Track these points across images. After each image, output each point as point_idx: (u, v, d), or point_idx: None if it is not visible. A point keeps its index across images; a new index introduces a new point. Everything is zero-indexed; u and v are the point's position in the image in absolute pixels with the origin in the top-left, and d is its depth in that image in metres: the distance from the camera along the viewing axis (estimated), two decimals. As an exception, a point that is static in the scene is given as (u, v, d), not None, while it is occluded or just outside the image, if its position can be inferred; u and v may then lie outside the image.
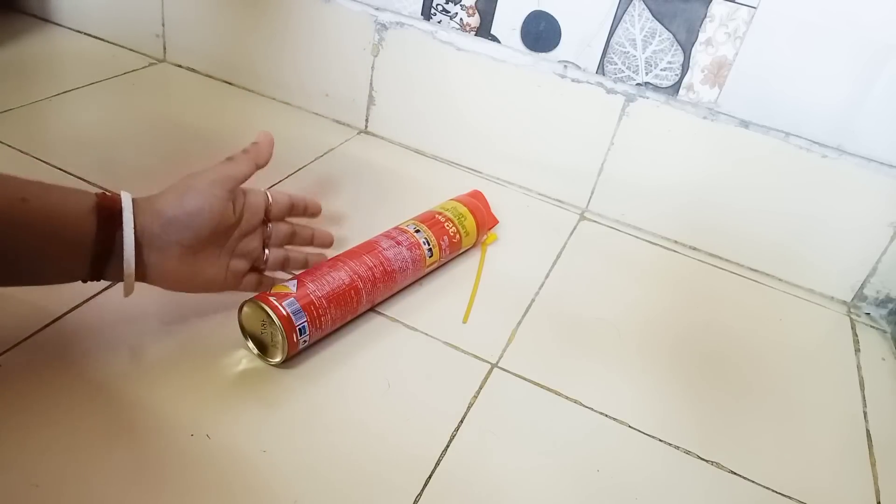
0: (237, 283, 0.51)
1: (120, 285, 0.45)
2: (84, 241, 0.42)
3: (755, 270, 0.74)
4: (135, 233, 0.43)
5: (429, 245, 0.59)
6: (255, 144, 0.51)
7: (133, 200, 0.44)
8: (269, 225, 0.53)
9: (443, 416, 0.49)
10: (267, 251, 0.53)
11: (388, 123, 0.84)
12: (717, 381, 0.58)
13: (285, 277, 0.53)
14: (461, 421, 0.49)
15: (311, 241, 0.58)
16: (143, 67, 0.89)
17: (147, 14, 0.88)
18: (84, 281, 0.44)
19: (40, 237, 0.41)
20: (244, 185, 0.50)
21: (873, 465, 0.53)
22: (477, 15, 0.73)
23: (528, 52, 0.73)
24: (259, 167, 0.51)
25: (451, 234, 0.61)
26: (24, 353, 0.46)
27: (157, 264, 0.45)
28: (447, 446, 0.46)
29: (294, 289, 0.49)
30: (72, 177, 0.65)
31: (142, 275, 0.45)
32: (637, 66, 0.69)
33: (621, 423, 0.51)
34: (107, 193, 0.44)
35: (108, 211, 0.43)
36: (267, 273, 0.54)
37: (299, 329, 0.48)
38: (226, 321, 0.50)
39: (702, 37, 0.66)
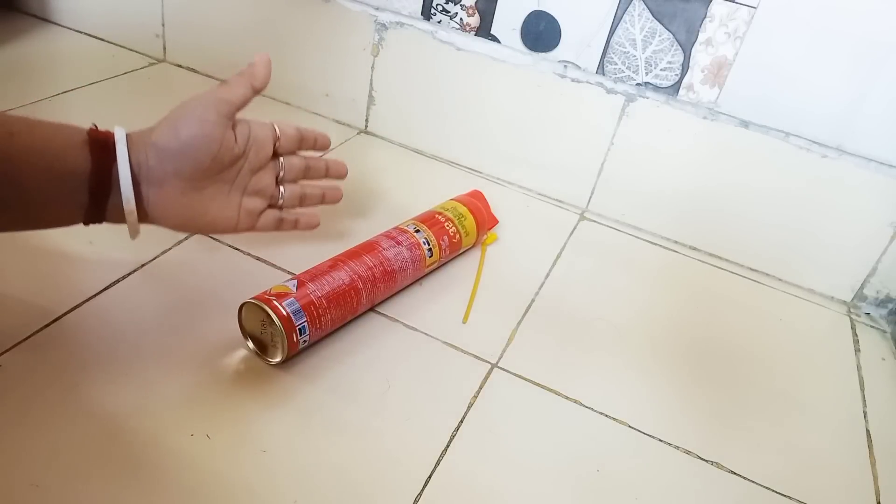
0: (252, 222, 0.49)
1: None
2: (78, 176, 0.40)
3: (755, 270, 0.74)
4: (131, 167, 0.41)
5: (429, 245, 0.59)
6: (251, 65, 0.48)
7: (127, 135, 0.42)
8: (282, 159, 0.50)
9: (443, 416, 0.49)
10: (282, 187, 0.51)
11: (388, 123, 0.84)
12: (717, 381, 0.58)
13: (308, 212, 0.50)
14: (461, 421, 0.49)
15: (325, 174, 0.54)
16: (143, 67, 0.88)
17: (147, 14, 0.88)
18: (85, 223, 0.42)
19: (31, 172, 0.39)
20: (249, 118, 0.47)
21: (873, 464, 0.53)
22: (477, 15, 0.73)
23: (528, 51, 0.73)
24: (256, 91, 0.48)
25: (451, 234, 0.61)
26: (24, 353, 0.46)
27: (157, 200, 0.43)
28: (447, 446, 0.46)
29: (294, 289, 0.49)
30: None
31: (144, 214, 0.43)
32: (637, 65, 0.69)
33: (621, 423, 0.51)
34: (98, 128, 0.41)
35: (100, 145, 0.40)
36: (285, 211, 0.52)
37: (299, 329, 0.48)
38: (226, 321, 0.50)
39: (702, 37, 0.66)
